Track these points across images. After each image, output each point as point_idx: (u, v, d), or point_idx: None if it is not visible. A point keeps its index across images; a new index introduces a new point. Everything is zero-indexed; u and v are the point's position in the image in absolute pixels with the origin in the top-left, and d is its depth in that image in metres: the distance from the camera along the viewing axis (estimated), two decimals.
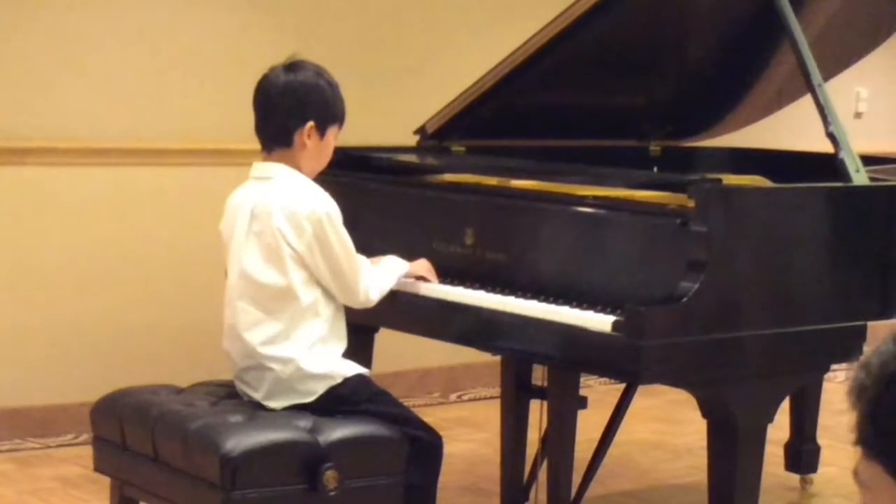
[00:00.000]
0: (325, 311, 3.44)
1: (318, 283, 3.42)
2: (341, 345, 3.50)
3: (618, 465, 4.93)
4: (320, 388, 3.42)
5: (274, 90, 3.47)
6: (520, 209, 3.69)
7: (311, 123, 3.46)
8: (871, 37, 4.69)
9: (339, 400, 3.42)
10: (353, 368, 3.47)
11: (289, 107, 3.45)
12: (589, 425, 4.04)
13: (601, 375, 5.00)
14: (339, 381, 3.43)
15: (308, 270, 3.40)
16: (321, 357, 3.42)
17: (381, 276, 3.57)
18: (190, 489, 3.30)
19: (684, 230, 3.25)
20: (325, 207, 3.40)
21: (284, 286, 3.39)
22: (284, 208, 3.38)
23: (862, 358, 1.27)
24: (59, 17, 5.16)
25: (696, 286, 3.18)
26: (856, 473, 1.25)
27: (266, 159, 3.51)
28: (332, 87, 3.52)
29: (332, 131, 3.51)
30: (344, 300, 3.48)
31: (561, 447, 3.68)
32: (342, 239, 3.41)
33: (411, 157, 4.39)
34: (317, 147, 3.49)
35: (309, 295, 3.41)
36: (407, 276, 3.67)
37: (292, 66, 3.50)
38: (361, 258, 3.53)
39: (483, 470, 4.89)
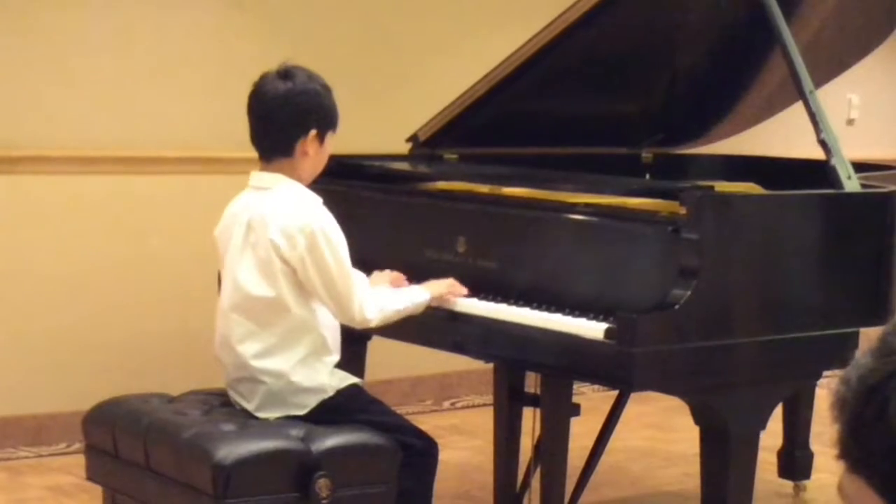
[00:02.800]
0: (319, 325, 3.41)
1: (312, 298, 3.40)
2: (334, 358, 3.47)
3: (611, 472, 4.92)
4: (312, 402, 3.41)
5: (273, 100, 3.42)
6: (512, 217, 3.69)
7: (313, 132, 3.42)
8: (863, 44, 4.69)
9: (332, 411, 3.40)
10: (345, 380, 3.46)
11: (290, 116, 3.41)
12: (582, 432, 4.04)
13: (594, 382, 4.99)
14: (331, 394, 3.42)
15: (301, 285, 3.39)
16: (313, 371, 3.41)
17: (385, 296, 3.49)
18: (182, 498, 3.29)
19: (676, 237, 3.25)
20: (320, 221, 3.36)
21: (277, 299, 3.37)
22: (280, 221, 3.35)
23: (843, 372, 1.26)
24: (50, 25, 5.16)
25: (688, 293, 3.18)
26: (840, 488, 1.25)
27: (264, 168, 3.47)
28: (329, 92, 3.48)
29: (329, 137, 3.48)
30: (339, 317, 3.42)
31: (554, 454, 3.68)
32: (336, 253, 3.35)
33: (403, 165, 4.39)
34: (317, 154, 3.46)
35: (302, 309, 3.38)
36: (432, 304, 3.56)
37: (287, 74, 3.45)
38: (359, 276, 3.49)
39: (476, 477, 4.88)
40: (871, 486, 1.21)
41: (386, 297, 3.50)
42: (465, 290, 3.62)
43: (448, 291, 3.61)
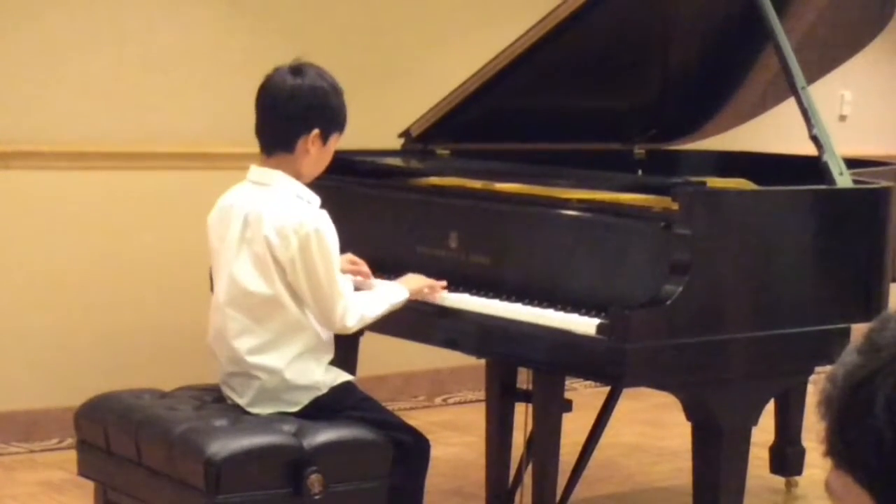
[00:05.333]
0: (314, 322, 3.40)
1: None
2: (328, 355, 3.46)
3: (603, 468, 4.93)
4: (305, 399, 3.40)
5: (280, 94, 3.41)
6: (504, 212, 3.69)
7: (316, 131, 3.40)
8: (856, 40, 4.69)
9: (324, 408, 3.40)
10: (339, 377, 3.45)
11: (295, 113, 3.39)
12: (574, 428, 4.04)
13: (586, 378, 5.00)
14: (324, 391, 3.42)
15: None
16: (307, 369, 3.40)
17: (366, 303, 3.46)
18: (174, 493, 3.29)
19: (668, 233, 3.25)
20: (315, 223, 3.33)
21: (272, 296, 3.36)
22: (275, 218, 3.34)
23: (829, 369, 1.26)
24: (42, 21, 5.15)
25: (680, 289, 3.18)
26: (827, 485, 1.25)
27: (265, 162, 3.45)
28: (338, 93, 3.46)
29: (333, 138, 3.46)
30: (320, 321, 3.39)
31: (546, 450, 3.68)
32: (327, 257, 3.33)
33: (396, 161, 4.39)
34: (319, 154, 3.44)
35: (297, 307, 3.37)
36: (410, 300, 3.55)
37: (298, 70, 3.43)
38: (347, 282, 3.47)
39: (468, 473, 4.88)
40: (859, 482, 1.21)
41: (367, 303, 3.46)
42: (442, 284, 3.61)
43: (426, 285, 3.60)
